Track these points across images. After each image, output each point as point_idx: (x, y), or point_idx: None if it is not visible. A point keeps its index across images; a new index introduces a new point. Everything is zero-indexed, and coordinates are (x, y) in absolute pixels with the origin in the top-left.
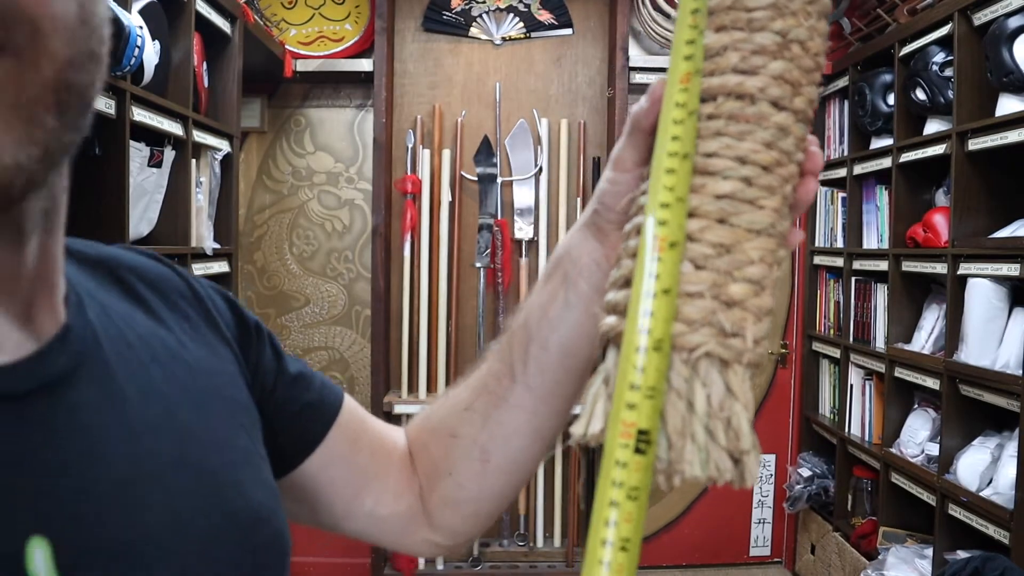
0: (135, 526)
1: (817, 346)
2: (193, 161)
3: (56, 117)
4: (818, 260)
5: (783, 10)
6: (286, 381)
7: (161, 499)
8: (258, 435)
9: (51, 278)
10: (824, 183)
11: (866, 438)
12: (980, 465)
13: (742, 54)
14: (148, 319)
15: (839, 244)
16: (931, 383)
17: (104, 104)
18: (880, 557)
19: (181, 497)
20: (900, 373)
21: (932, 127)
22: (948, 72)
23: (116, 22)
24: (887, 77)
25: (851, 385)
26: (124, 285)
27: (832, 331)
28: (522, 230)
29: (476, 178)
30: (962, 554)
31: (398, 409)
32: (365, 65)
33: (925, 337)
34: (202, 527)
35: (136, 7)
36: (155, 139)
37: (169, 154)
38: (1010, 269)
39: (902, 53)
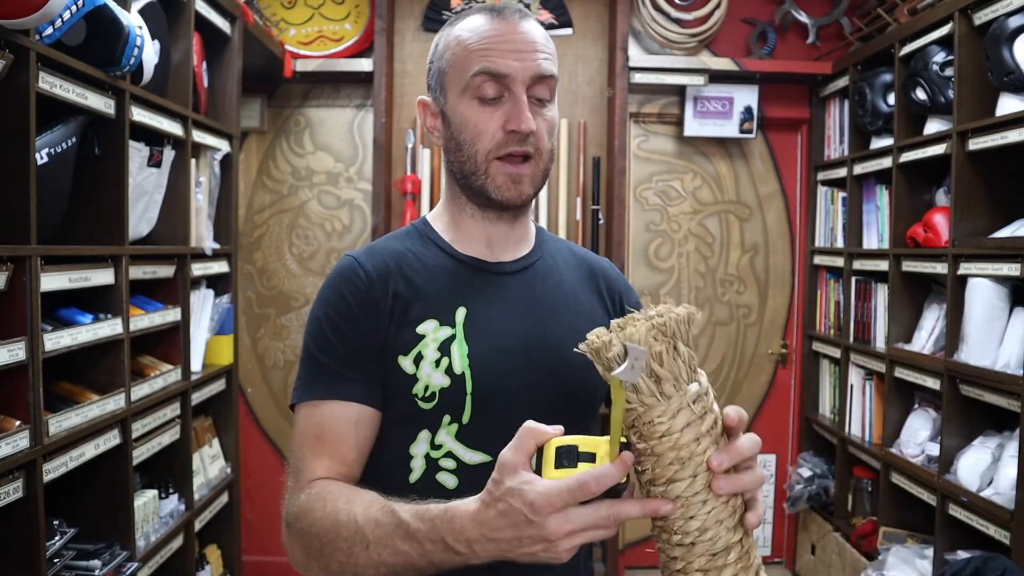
0: (514, 332)
1: (817, 346)
2: (193, 161)
3: (540, 182)
4: (818, 260)
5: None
6: None
7: (538, 332)
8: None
9: (527, 236)
10: (824, 183)
11: (866, 438)
12: (980, 465)
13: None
14: (572, 281)
15: (839, 244)
16: (931, 383)
17: (103, 104)
18: (880, 557)
19: (539, 337)
20: (900, 373)
21: (932, 127)
22: (948, 72)
23: (115, 22)
24: (887, 77)
25: (851, 385)
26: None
27: (832, 331)
28: None
29: None
30: (962, 554)
31: None
32: (365, 65)
33: (925, 337)
34: (541, 359)
35: (136, 7)
36: (155, 139)
37: (169, 154)
38: (1010, 269)
39: (902, 53)
